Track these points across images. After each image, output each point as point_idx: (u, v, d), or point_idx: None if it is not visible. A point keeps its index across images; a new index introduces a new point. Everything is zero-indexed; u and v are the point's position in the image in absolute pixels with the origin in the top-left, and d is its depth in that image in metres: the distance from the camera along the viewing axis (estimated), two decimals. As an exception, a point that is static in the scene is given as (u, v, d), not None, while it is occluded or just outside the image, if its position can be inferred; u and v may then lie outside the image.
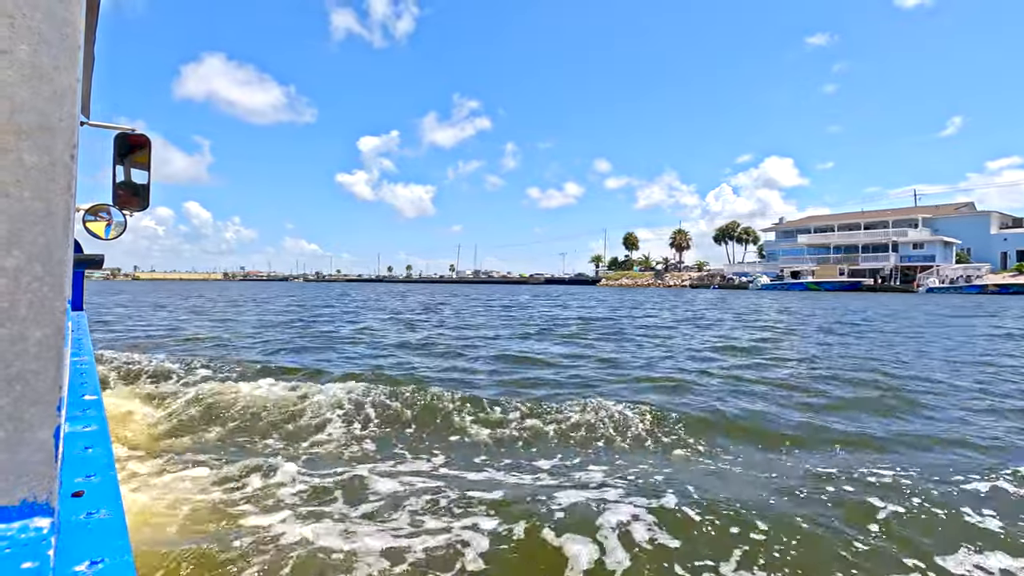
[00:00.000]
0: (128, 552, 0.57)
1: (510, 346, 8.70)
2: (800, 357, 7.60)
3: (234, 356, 7.20)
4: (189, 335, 9.82)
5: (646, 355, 7.77)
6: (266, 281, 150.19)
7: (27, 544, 0.49)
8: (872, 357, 7.60)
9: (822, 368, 6.61)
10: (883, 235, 56.71)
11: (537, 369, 6.55)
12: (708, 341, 9.55)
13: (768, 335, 10.72)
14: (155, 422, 4.10)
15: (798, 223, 70.63)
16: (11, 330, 0.48)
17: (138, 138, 2.58)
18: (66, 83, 0.49)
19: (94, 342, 5.90)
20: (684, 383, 5.58)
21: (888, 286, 51.10)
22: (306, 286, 75.75)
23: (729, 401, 4.77)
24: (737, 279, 63.94)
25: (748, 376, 6.03)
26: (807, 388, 5.38)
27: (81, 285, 3.83)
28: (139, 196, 2.68)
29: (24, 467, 0.49)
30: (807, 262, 59.14)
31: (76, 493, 0.68)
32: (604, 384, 5.63)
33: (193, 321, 13.09)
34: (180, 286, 65.70)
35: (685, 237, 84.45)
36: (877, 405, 4.72)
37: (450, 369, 6.47)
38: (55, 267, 0.49)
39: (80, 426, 0.96)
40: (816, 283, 52.37)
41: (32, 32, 0.48)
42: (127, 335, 9.79)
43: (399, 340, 9.46)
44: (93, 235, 2.67)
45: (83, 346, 1.97)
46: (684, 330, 11.80)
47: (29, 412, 0.49)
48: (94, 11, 1.87)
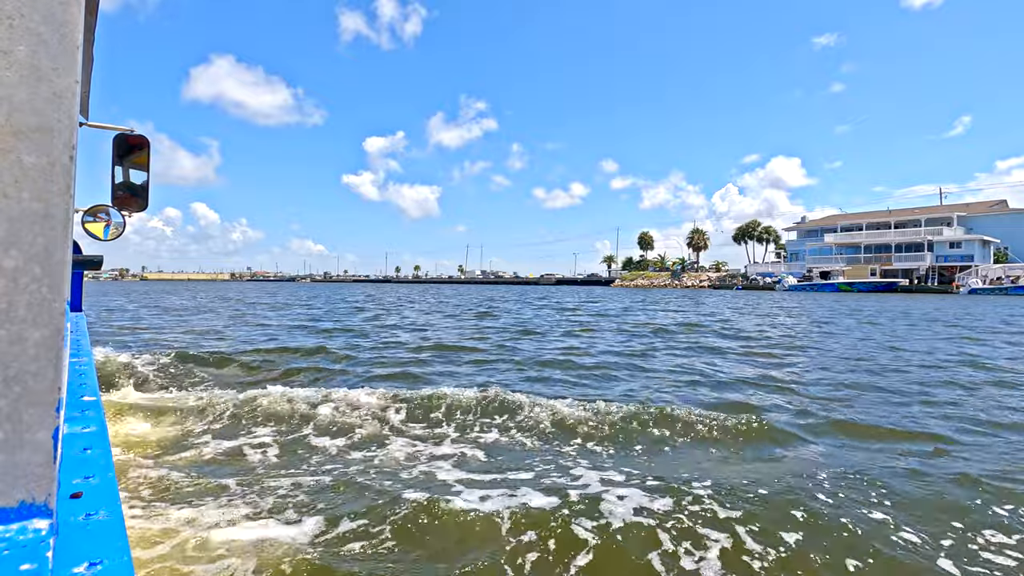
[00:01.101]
0: (127, 553, 0.57)
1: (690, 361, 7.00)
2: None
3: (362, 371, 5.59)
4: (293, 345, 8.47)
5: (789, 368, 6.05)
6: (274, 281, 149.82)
7: (26, 546, 0.49)
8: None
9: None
10: (917, 234, 54.57)
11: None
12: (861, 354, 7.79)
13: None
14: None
15: (821, 222, 68.59)
16: (10, 331, 0.48)
17: (137, 139, 2.55)
18: (65, 84, 0.49)
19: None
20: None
21: (925, 287, 48.95)
22: (316, 287, 74.36)
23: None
24: (761, 280, 61.89)
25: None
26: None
27: (80, 286, 3.82)
28: (138, 197, 2.62)
29: (23, 468, 0.49)
30: (838, 262, 57.08)
31: (75, 494, 0.68)
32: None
33: (265, 330, 11.44)
34: (198, 285, 64.66)
35: (703, 237, 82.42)
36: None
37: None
38: (54, 268, 0.49)
39: (79, 427, 0.95)
40: (848, 284, 50.26)
41: (31, 33, 0.48)
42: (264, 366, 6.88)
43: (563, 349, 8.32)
44: (92, 236, 2.65)
45: (82, 347, 1.98)
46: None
47: (28, 413, 0.49)
48: (93, 12, 1.85)
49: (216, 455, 3.34)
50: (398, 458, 3.34)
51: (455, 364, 7.19)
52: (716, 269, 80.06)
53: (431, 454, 3.44)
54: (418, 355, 7.85)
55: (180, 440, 3.62)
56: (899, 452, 3.49)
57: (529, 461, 3.29)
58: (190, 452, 3.38)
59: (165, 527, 2.27)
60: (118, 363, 6.02)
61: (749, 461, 3.36)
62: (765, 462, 3.34)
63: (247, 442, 3.59)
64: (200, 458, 3.29)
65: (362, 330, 11.50)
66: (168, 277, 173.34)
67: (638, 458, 3.44)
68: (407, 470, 3.11)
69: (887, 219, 59.53)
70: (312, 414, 4.12)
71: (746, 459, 3.41)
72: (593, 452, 3.54)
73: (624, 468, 3.14)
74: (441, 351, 8.34)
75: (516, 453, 3.50)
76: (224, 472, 3.02)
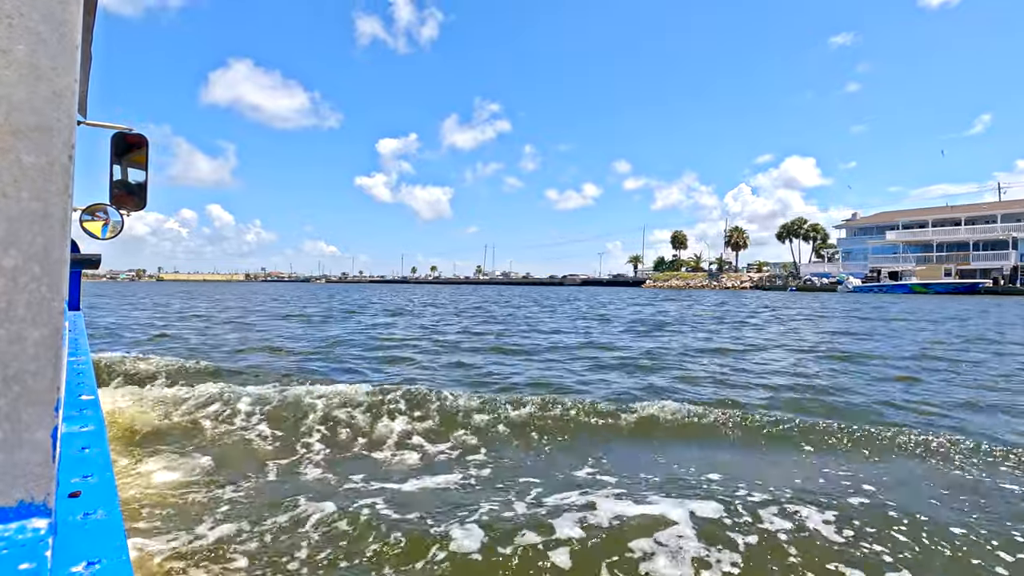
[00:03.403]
0: (125, 552, 0.56)
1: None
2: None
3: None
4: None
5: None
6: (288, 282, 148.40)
7: (24, 545, 0.49)
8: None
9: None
10: (992, 230, 49.48)
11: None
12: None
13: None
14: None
15: (873, 219, 63.66)
16: (9, 330, 0.47)
17: (135, 137, 2.51)
18: (64, 83, 0.49)
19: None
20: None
21: (1014, 288, 43.93)
22: (333, 287, 71.21)
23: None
24: (817, 280, 57.07)
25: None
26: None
27: (78, 285, 3.78)
28: (136, 196, 2.57)
29: (21, 468, 0.49)
30: (908, 261, 52.15)
31: (73, 494, 0.67)
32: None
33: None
34: (225, 287, 61.62)
35: (742, 235, 77.57)
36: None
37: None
38: (53, 267, 0.49)
39: (77, 426, 0.94)
40: (923, 285, 45.46)
41: (30, 32, 0.47)
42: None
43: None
44: (90, 235, 2.58)
45: (80, 346, 1.96)
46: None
47: (27, 412, 0.48)
48: (91, 11, 1.83)
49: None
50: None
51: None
52: (758, 269, 75.32)
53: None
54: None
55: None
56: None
57: None
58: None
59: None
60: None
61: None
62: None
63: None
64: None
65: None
66: (184, 278, 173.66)
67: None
68: None
69: (953, 215, 54.38)
70: None
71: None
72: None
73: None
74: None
75: None
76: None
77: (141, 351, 7.17)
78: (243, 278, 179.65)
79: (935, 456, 3.33)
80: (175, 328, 11.32)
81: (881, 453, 3.41)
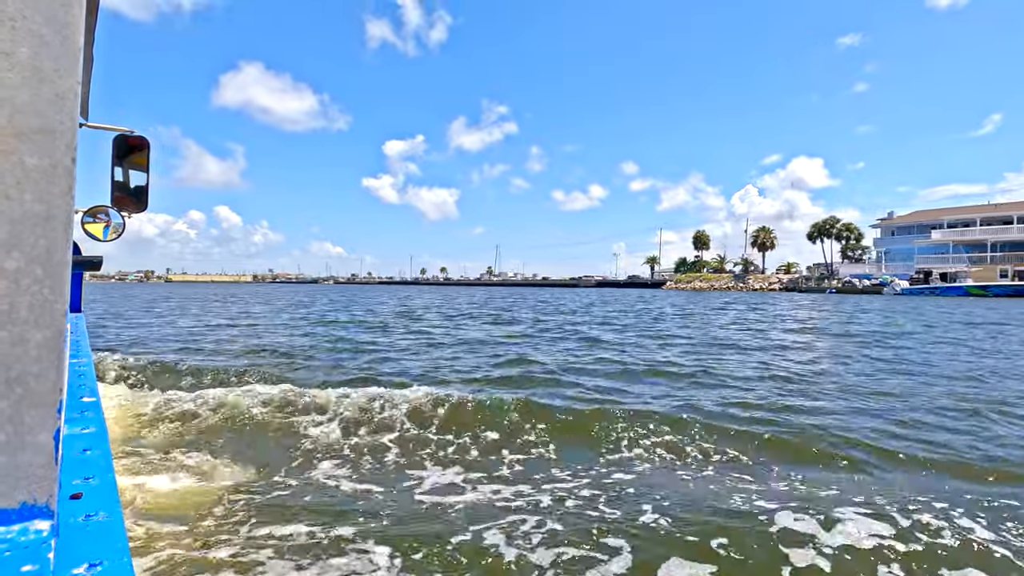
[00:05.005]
0: (127, 554, 0.56)
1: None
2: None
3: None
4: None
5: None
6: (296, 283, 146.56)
7: (27, 547, 0.48)
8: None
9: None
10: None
11: None
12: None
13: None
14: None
15: (908, 219, 60.83)
16: (11, 332, 0.47)
17: (137, 140, 2.50)
18: (67, 86, 0.48)
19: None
20: None
21: (1083, 291, 40.93)
22: (342, 288, 68.86)
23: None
24: (859, 282, 54.15)
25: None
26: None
27: (80, 287, 3.77)
28: (137, 198, 2.57)
29: (24, 470, 0.48)
30: (961, 262, 49.19)
31: (74, 495, 0.67)
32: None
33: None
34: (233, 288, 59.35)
35: (769, 235, 74.56)
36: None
37: None
38: (55, 269, 0.48)
39: (78, 428, 0.94)
40: (980, 287, 42.56)
41: (33, 35, 0.47)
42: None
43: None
44: (92, 237, 2.58)
45: (81, 348, 1.95)
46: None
47: (29, 415, 0.48)
48: (93, 12, 1.82)
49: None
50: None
51: None
52: (786, 270, 72.48)
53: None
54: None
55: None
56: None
57: None
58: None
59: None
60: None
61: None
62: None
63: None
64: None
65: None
66: (192, 279, 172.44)
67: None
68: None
69: (1001, 212, 51.37)
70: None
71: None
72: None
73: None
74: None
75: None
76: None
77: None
78: (250, 279, 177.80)
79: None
80: (267, 341, 8.79)
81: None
